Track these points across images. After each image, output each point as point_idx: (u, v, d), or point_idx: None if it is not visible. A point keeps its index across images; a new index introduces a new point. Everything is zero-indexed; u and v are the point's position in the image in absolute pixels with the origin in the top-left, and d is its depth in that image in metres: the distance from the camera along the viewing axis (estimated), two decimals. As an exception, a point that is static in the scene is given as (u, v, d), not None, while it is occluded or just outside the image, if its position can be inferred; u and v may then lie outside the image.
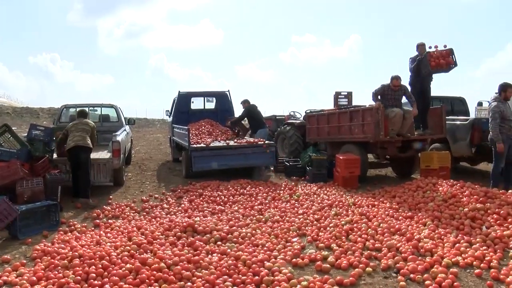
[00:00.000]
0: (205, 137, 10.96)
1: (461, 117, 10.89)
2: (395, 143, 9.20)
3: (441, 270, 4.58)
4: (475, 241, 5.40)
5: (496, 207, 6.36)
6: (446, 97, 13.41)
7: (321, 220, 6.46)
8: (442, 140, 10.09)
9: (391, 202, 7.21)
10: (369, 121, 8.90)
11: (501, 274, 4.53)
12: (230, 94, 13.10)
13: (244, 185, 8.85)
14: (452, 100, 13.40)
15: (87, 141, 7.93)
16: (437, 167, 8.97)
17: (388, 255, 5.07)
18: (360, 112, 9.34)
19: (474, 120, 9.99)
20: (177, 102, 12.92)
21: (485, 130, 9.68)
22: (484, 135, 9.63)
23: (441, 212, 6.48)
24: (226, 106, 12.87)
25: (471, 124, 9.75)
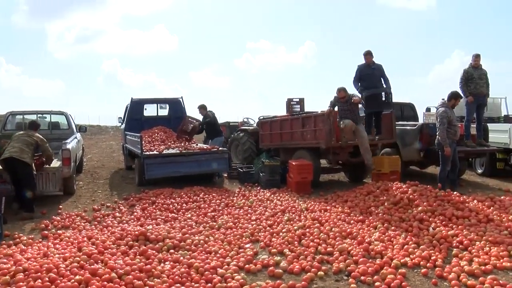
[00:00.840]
0: (158, 144, 10.87)
1: (410, 123, 11.23)
2: (346, 149, 9.38)
3: (390, 271, 4.70)
4: (423, 242, 5.62)
5: (442, 209, 6.66)
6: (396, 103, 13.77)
7: (274, 226, 6.49)
8: (392, 145, 10.36)
9: (343, 207, 7.34)
10: (321, 127, 9.04)
11: (444, 272, 4.73)
12: (183, 101, 13.03)
13: (198, 192, 8.81)
14: (402, 106, 13.81)
15: (22, 155, 7.47)
16: (387, 171, 9.19)
17: (340, 258, 5.15)
18: (312, 118, 9.48)
19: (422, 125, 10.32)
20: (129, 109, 12.75)
21: (433, 135, 10.04)
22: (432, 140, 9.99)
23: (391, 215, 6.66)
24: (179, 113, 12.78)
25: (419, 129, 10.07)
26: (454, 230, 5.99)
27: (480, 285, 4.43)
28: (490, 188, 9.75)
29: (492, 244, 5.55)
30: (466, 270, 4.75)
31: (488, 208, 7.10)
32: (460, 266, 4.87)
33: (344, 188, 9.16)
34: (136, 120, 12.62)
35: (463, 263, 4.96)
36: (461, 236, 5.78)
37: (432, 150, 9.80)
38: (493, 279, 4.51)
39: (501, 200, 7.56)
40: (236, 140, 12.93)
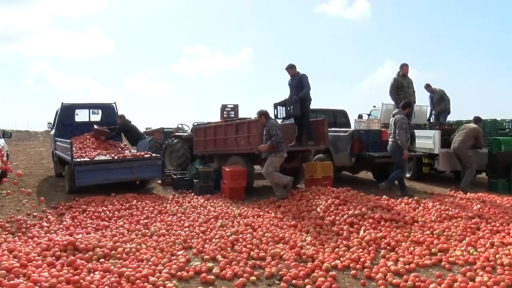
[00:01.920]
0: (90, 150, 10.53)
1: (342, 129, 11.54)
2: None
3: (321, 274, 4.77)
4: (353, 245, 5.78)
5: (372, 212, 6.89)
6: (329, 109, 14.13)
7: (207, 232, 6.43)
8: (325, 150, 10.59)
9: (276, 212, 7.41)
10: (254, 133, 9.09)
11: (372, 273, 4.88)
12: (116, 106, 12.71)
13: (130, 199, 8.61)
14: (335, 113, 14.16)
15: None
16: (320, 177, 9.36)
17: (272, 263, 5.16)
18: (245, 124, 9.52)
19: (353, 131, 10.62)
20: (60, 114, 12.30)
21: (364, 140, 10.39)
22: (363, 146, 10.32)
23: (323, 220, 6.79)
24: (112, 118, 12.46)
25: (350, 135, 10.36)
26: (382, 232, 6.23)
27: (404, 283, 4.61)
28: (417, 191, 10.14)
29: (416, 244, 5.87)
30: (392, 270, 4.93)
31: (414, 210, 7.44)
32: (387, 266, 5.04)
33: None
34: (67, 126, 12.17)
35: (389, 263, 5.14)
36: (388, 238, 6.02)
37: (363, 156, 10.14)
38: (415, 276, 4.73)
39: (425, 202, 7.96)
40: (170, 146, 12.77)
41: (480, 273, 4.89)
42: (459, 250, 5.65)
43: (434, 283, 4.59)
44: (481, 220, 6.98)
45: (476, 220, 6.93)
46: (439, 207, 7.64)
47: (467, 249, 5.72)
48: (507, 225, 6.75)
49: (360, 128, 11.20)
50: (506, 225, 6.76)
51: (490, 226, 6.72)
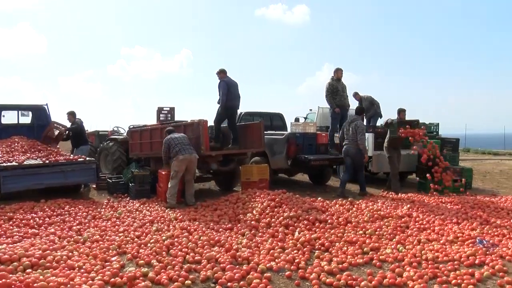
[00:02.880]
0: (18, 154, 10.04)
1: (278, 132, 11.67)
2: (216, 157, 9.47)
3: (256, 276, 4.79)
4: (288, 246, 5.86)
5: (307, 214, 7.04)
6: (266, 113, 14.28)
7: (142, 237, 6.29)
8: (262, 153, 10.67)
9: (212, 215, 7.38)
10: (190, 136, 9.02)
11: (307, 273, 4.96)
12: (48, 108, 12.22)
13: (63, 205, 8.27)
14: (272, 116, 14.33)
15: None
16: (256, 179, 9.41)
17: (208, 266, 5.12)
18: (182, 128, 9.43)
19: (289, 134, 10.76)
20: (-17, 117, 11.66)
21: (299, 144, 10.55)
22: (299, 149, 10.48)
23: (258, 222, 6.84)
24: (44, 121, 11.97)
25: (286, 138, 10.49)
26: (317, 233, 6.38)
27: (337, 282, 4.74)
28: (351, 193, 10.41)
29: (349, 244, 6.06)
30: (326, 270, 5.04)
31: (348, 211, 7.65)
32: (320, 266, 5.14)
33: (214, 196, 9.22)
34: (-9, 129, 11.57)
35: (323, 263, 5.25)
36: (323, 238, 6.16)
37: (299, 158, 10.29)
38: (347, 275, 4.88)
39: (358, 203, 8.21)
40: (105, 149, 12.41)
41: (407, 269, 5.15)
42: (389, 248, 5.89)
43: (365, 281, 4.74)
44: (410, 219, 7.32)
45: (406, 219, 7.26)
46: (372, 208, 7.90)
47: (396, 247, 5.97)
48: (432, 223, 7.15)
49: (296, 131, 11.36)
50: (432, 223, 7.15)
51: (418, 224, 7.07)
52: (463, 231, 6.77)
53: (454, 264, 5.35)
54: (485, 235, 6.70)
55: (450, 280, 4.88)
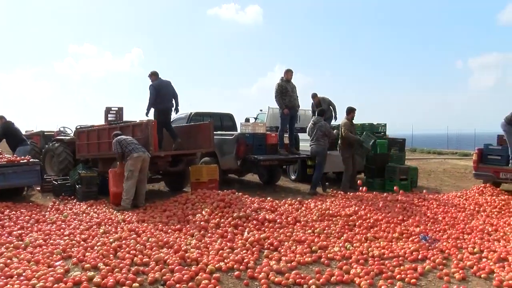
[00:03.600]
0: (-46, 157, 9.56)
1: (228, 132, 11.66)
2: (165, 158, 9.37)
3: (204, 277, 4.78)
4: (237, 246, 5.85)
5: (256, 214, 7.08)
6: (216, 113, 14.26)
7: (88, 240, 6.12)
8: (211, 154, 10.63)
9: (161, 216, 7.29)
10: (139, 136, 8.88)
11: (256, 273, 4.98)
12: None
13: (2, 209, 7.86)
14: (222, 116, 14.31)
15: None
16: (206, 180, 9.37)
17: (156, 268, 5.05)
18: (130, 128, 9.26)
19: (239, 135, 10.77)
20: None
21: (249, 144, 10.58)
22: (248, 149, 10.51)
23: (207, 223, 6.80)
24: None
25: (236, 138, 10.49)
26: (266, 233, 6.41)
27: (285, 280, 4.79)
28: (301, 193, 10.54)
29: (298, 243, 6.13)
30: (275, 269, 5.08)
31: (297, 210, 7.73)
32: (269, 266, 5.18)
33: (164, 197, 9.11)
34: None
35: (272, 263, 5.29)
36: (272, 238, 6.20)
37: (248, 158, 10.32)
38: (296, 273, 4.95)
39: (307, 202, 8.32)
40: (51, 151, 11.99)
41: (354, 266, 5.29)
42: (337, 247, 6.02)
43: (313, 279, 4.82)
44: (357, 218, 7.49)
45: (354, 218, 7.42)
46: (321, 207, 8.03)
47: (344, 245, 6.11)
48: (379, 221, 7.35)
49: (246, 131, 11.38)
50: (379, 221, 7.35)
51: (365, 222, 7.25)
52: (408, 228, 7.02)
53: (399, 260, 5.58)
54: (428, 231, 6.97)
55: (395, 275, 5.07)
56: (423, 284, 4.94)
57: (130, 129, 9.20)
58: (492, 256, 5.81)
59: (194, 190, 9.04)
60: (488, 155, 11.16)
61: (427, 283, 4.99)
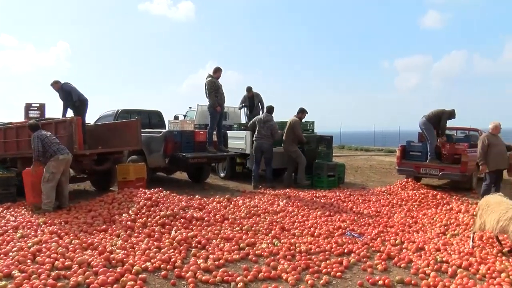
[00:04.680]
0: None
1: (156, 130, 11.48)
2: (90, 156, 9.06)
3: (130, 278, 4.66)
4: (164, 246, 5.76)
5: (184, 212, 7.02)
6: (144, 110, 14.00)
7: (2, 246, 5.71)
8: (139, 152, 10.41)
9: (85, 217, 7.01)
10: (62, 134, 8.52)
11: (183, 272, 4.93)
12: None
13: None
14: (150, 114, 14.07)
15: None
16: (133, 179, 9.17)
17: (79, 271, 4.85)
18: (52, 125, 8.87)
19: (167, 132, 10.62)
20: None
21: (177, 141, 10.47)
22: (176, 146, 10.40)
23: (134, 222, 6.65)
24: None
25: (164, 136, 10.34)
26: (194, 231, 6.36)
27: (213, 278, 4.78)
28: (230, 190, 10.59)
29: (225, 240, 6.12)
30: (202, 267, 5.05)
31: (225, 208, 7.74)
32: (197, 264, 5.14)
33: (89, 197, 8.79)
34: None
35: (200, 261, 5.25)
36: (199, 236, 6.16)
37: (177, 156, 10.21)
38: (223, 271, 4.96)
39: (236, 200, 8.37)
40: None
41: (282, 262, 5.36)
42: (265, 243, 6.06)
43: (241, 276, 4.84)
44: (285, 214, 7.62)
45: (282, 215, 7.55)
46: (249, 204, 8.08)
47: (272, 241, 6.17)
48: (307, 217, 7.51)
49: (174, 129, 11.25)
50: (306, 217, 7.51)
51: (293, 218, 7.38)
52: (335, 223, 7.22)
53: (326, 255, 5.75)
54: (353, 226, 7.21)
55: (321, 269, 5.21)
56: (348, 277, 5.10)
57: (53, 126, 8.80)
58: (411, 247, 6.14)
59: (121, 189, 8.79)
60: (410, 151, 11.75)
61: (352, 275, 5.16)
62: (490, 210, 5.93)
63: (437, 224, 7.61)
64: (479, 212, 6.20)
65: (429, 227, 7.44)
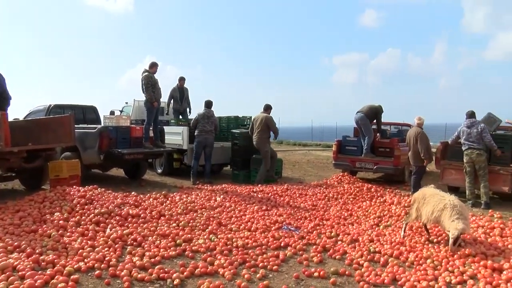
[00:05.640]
0: None
1: (90, 126, 11.13)
2: (19, 154, 8.63)
3: (61, 280, 4.47)
4: (98, 244, 5.58)
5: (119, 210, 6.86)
6: (78, 105, 13.55)
7: None
8: (73, 148, 10.06)
9: (13, 218, 6.59)
10: None
11: (118, 270, 4.79)
12: None
13: None
14: (84, 109, 13.63)
15: None
16: (67, 176, 8.81)
17: (1, 277, 4.53)
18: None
19: (101, 128, 10.32)
20: None
21: (113, 137, 10.21)
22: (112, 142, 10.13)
23: (67, 221, 6.41)
24: None
25: (99, 132, 10.04)
26: (129, 228, 6.22)
27: (149, 276, 4.69)
28: (167, 186, 10.46)
29: (162, 237, 6.03)
30: (138, 265, 4.95)
31: (162, 204, 7.62)
32: (132, 262, 5.02)
33: (18, 197, 8.36)
34: None
35: (135, 259, 5.14)
36: (135, 233, 6.03)
37: (112, 152, 9.95)
38: (159, 268, 4.86)
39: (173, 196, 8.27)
40: None
41: (218, 257, 5.36)
42: (201, 239, 6.02)
43: (177, 272, 4.78)
44: (222, 209, 7.61)
45: (219, 210, 7.54)
46: (186, 200, 8.01)
47: (209, 236, 6.14)
48: (244, 212, 7.54)
49: (110, 124, 10.96)
50: (244, 212, 7.54)
51: (230, 214, 7.38)
52: (272, 218, 7.28)
53: (262, 249, 5.78)
54: (290, 219, 7.29)
55: (258, 263, 5.23)
56: (284, 270, 5.16)
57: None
58: (346, 239, 6.29)
59: (53, 187, 8.43)
60: (346, 146, 12.02)
61: (288, 268, 5.22)
62: (426, 202, 6.20)
63: (371, 216, 7.86)
64: (415, 204, 6.43)
65: (363, 219, 7.67)
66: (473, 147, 9.08)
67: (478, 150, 9.04)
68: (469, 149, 9.13)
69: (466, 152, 9.19)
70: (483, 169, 9.03)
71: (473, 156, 9.06)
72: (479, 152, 9.03)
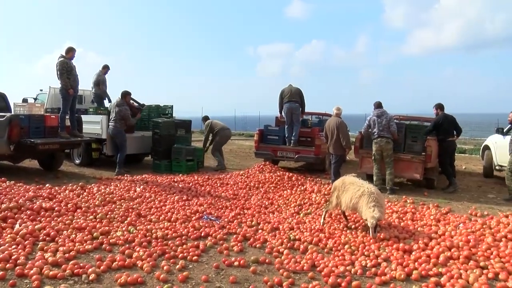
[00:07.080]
0: None
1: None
2: None
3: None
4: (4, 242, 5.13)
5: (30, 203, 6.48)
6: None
7: None
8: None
9: None
10: None
11: (26, 269, 4.44)
12: None
13: None
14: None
15: None
16: (-28, 169, 8.24)
17: None
18: None
19: (11, 116, 9.68)
20: None
21: (24, 126, 9.62)
22: (24, 132, 9.54)
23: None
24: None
25: (8, 121, 9.41)
26: (42, 223, 5.85)
27: (62, 273, 4.41)
28: (85, 177, 10.03)
29: (77, 230, 5.75)
30: (50, 262, 4.64)
31: (78, 196, 7.32)
32: (44, 259, 4.71)
33: None
34: None
35: (47, 255, 4.83)
36: (48, 228, 5.68)
37: (24, 143, 9.38)
38: (74, 264, 4.61)
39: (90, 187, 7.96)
40: None
41: (137, 249, 5.19)
42: (119, 231, 5.81)
43: (93, 267, 4.56)
44: (142, 200, 7.42)
45: (138, 201, 7.35)
46: (104, 191, 7.72)
47: (128, 228, 5.94)
48: (164, 202, 7.40)
49: (21, 113, 10.32)
50: (164, 202, 7.39)
51: (149, 204, 7.22)
52: (192, 208, 7.18)
53: (182, 239, 5.66)
54: (211, 209, 7.23)
55: (178, 254, 5.12)
56: (204, 260, 5.09)
57: None
58: (266, 227, 6.32)
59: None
60: (267, 135, 12.09)
61: (208, 258, 5.16)
62: (345, 190, 6.35)
63: (292, 204, 7.97)
64: (335, 192, 6.58)
65: (284, 208, 7.76)
66: (382, 135, 9.58)
67: (386, 138, 9.60)
68: (379, 137, 9.60)
69: (375, 140, 9.68)
70: (390, 156, 9.58)
71: (383, 144, 9.59)
72: (387, 140, 9.60)
